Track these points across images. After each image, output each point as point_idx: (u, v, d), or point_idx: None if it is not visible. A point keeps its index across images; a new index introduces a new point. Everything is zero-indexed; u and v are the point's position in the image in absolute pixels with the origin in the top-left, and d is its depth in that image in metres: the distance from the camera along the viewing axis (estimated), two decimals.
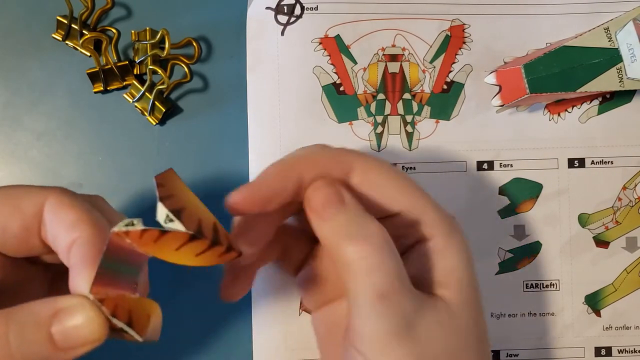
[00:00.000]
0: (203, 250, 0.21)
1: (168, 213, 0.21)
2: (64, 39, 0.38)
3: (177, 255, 0.22)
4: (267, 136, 0.38)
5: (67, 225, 0.24)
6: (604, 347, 0.39)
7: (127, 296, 0.22)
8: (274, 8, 0.38)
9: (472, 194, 0.39)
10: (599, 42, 0.36)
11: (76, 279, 0.23)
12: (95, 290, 0.21)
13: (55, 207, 0.24)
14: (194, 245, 0.21)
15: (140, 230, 0.21)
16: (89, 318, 0.21)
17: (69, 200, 0.25)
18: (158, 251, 0.21)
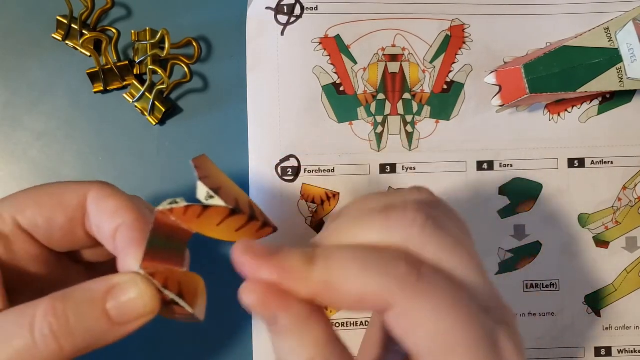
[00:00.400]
0: (242, 226, 0.23)
1: (208, 190, 0.22)
2: (64, 39, 0.38)
3: (219, 231, 0.23)
4: (267, 136, 0.38)
5: (110, 213, 0.25)
6: (604, 347, 0.39)
7: (176, 270, 0.23)
8: (274, 8, 0.38)
9: (472, 194, 0.39)
10: (599, 42, 0.36)
11: (125, 259, 0.24)
12: (145, 265, 0.22)
13: (97, 197, 0.26)
14: (233, 220, 0.22)
15: (184, 206, 0.22)
16: (142, 291, 0.22)
17: (111, 191, 0.26)
18: (201, 227, 0.23)
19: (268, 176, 0.38)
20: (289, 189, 0.38)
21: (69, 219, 0.26)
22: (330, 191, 0.38)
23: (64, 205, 0.26)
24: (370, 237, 0.22)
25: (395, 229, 0.22)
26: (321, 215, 0.38)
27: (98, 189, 0.26)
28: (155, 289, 0.22)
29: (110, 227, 0.25)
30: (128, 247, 0.24)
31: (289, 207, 0.38)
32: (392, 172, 0.38)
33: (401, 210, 0.22)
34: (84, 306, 0.23)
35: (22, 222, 0.26)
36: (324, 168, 0.38)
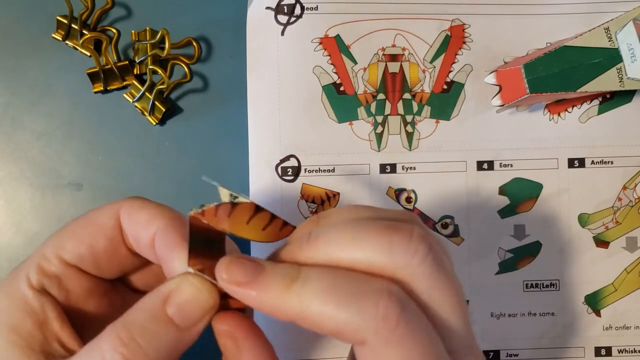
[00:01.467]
0: (267, 224, 0.23)
1: (231, 192, 0.22)
2: (64, 39, 0.38)
3: (249, 229, 0.23)
4: (267, 136, 0.38)
5: (144, 224, 0.25)
6: (604, 347, 0.39)
7: None
8: (274, 8, 0.38)
9: (472, 194, 0.39)
10: (599, 42, 0.36)
11: (170, 264, 0.24)
12: (192, 263, 0.23)
13: (129, 212, 0.26)
14: (259, 217, 0.23)
15: (214, 206, 0.22)
16: (197, 288, 0.22)
17: (140, 203, 0.26)
18: (233, 226, 0.23)
19: (268, 176, 0.38)
20: (289, 189, 0.38)
21: (109, 240, 0.26)
22: (330, 191, 0.38)
23: (100, 229, 0.26)
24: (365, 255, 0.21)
25: (396, 254, 0.21)
26: None
27: (128, 204, 0.26)
28: (209, 282, 0.23)
29: (147, 236, 0.25)
30: (169, 251, 0.24)
31: (289, 207, 0.38)
32: (392, 172, 0.38)
33: (407, 236, 0.21)
34: (147, 324, 0.22)
35: (67, 257, 0.26)
36: (324, 168, 0.38)
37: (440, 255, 0.22)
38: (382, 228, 0.21)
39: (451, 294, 0.22)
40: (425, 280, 0.21)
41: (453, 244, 0.39)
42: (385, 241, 0.21)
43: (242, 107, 0.38)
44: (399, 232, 0.21)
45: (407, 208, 0.38)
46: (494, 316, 0.39)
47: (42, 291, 0.25)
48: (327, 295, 0.20)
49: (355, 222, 0.22)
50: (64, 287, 0.26)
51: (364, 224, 0.22)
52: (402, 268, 0.21)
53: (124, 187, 0.39)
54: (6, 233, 0.39)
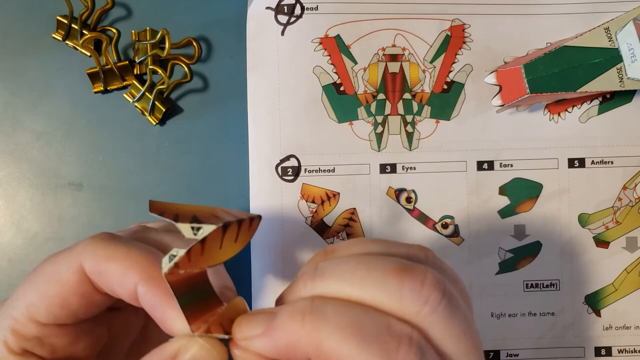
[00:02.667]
0: (236, 234, 0.22)
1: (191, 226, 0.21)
2: (64, 39, 0.38)
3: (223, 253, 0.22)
4: (267, 136, 0.38)
5: (118, 280, 0.23)
6: (604, 347, 0.39)
7: (220, 310, 0.23)
8: (274, 8, 0.38)
9: (472, 194, 0.39)
10: (599, 42, 0.36)
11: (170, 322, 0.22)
12: (195, 327, 0.22)
13: (94, 267, 0.24)
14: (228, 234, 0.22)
15: (185, 254, 0.21)
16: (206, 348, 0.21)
17: (104, 252, 0.24)
18: (208, 260, 0.22)
19: (268, 176, 0.38)
20: (289, 189, 0.38)
21: (80, 295, 0.24)
22: (330, 191, 0.38)
23: (66, 286, 0.24)
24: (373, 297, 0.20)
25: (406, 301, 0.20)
26: (321, 215, 0.38)
27: (91, 254, 0.24)
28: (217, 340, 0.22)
29: (125, 291, 0.23)
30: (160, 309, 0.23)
31: (289, 207, 0.38)
32: (392, 172, 0.38)
33: (418, 282, 0.20)
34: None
35: (41, 320, 0.24)
36: (324, 168, 0.38)
37: (454, 302, 0.21)
38: (393, 270, 0.20)
39: (466, 342, 0.21)
40: (438, 329, 0.20)
41: (453, 244, 0.39)
42: (395, 285, 0.20)
43: (242, 107, 0.38)
44: (411, 277, 0.20)
45: (407, 208, 0.38)
46: (494, 316, 0.39)
47: (24, 354, 0.24)
48: (348, 332, 0.19)
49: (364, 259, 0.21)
50: (47, 344, 0.24)
51: (374, 261, 0.21)
52: (413, 315, 0.20)
53: (124, 187, 0.39)
54: (6, 233, 0.39)
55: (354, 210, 0.38)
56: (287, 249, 0.38)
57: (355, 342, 0.19)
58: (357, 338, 0.19)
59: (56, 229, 0.39)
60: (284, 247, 0.38)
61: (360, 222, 0.38)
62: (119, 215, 0.38)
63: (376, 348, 0.19)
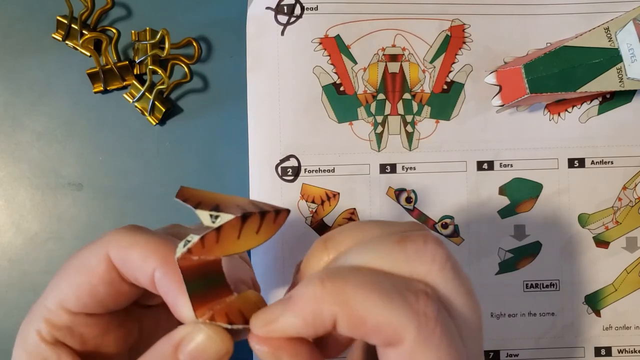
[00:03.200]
0: (259, 225, 0.22)
1: (210, 213, 0.21)
2: (64, 39, 0.38)
3: (242, 243, 0.22)
4: (267, 136, 0.38)
5: (138, 265, 0.24)
6: (604, 347, 0.39)
7: (229, 300, 0.23)
8: (274, 8, 0.38)
9: (472, 194, 0.39)
10: (599, 42, 0.36)
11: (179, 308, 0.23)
12: (200, 314, 0.22)
13: (118, 254, 0.24)
14: (249, 224, 0.22)
15: (198, 240, 0.21)
16: (210, 337, 0.22)
17: (128, 240, 0.24)
18: (224, 248, 0.22)
19: (268, 176, 0.38)
20: (289, 189, 0.38)
21: (107, 284, 0.25)
22: (330, 191, 0.38)
23: (95, 275, 0.25)
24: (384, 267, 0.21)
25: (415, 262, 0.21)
26: (321, 215, 0.38)
27: (115, 244, 0.24)
28: (223, 329, 0.22)
29: (145, 276, 0.24)
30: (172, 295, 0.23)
31: (289, 207, 0.38)
32: (392, 172, 0.38)
33: (421, 242, 0.21)
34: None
35: (72, 308, 0.25)
36: (324, 168, 0.38)
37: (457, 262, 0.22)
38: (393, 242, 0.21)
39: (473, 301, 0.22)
40: (448, 285, 0.21)
41: (453, 244, 0.39)
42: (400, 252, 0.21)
43: (242, 107, 0.38)
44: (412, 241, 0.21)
45: (406, 208, 0.38)
46: (494, 316, 0.39)
47: (56, 343, 0.25)
48: (369, 288, 0.20)
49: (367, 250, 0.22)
50: (77, 334, 0.25)
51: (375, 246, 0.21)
52: (424, 275, 0.21)
53: (124, 187, 0.39)
54: (6, 233, 0.39)
55: (353, 211, 0.38)
56: (287, 249, 0.38)
57: (377, 296, 0.20)
58: (378, 292, 0.20)
59: (56, 229, 0.39)
60: (284, 247, 0.38)
61: None
62: (119, 215, 0.38)
63: (398, 300, 0.20)
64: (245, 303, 0.23)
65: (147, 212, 0.39)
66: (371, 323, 0.20)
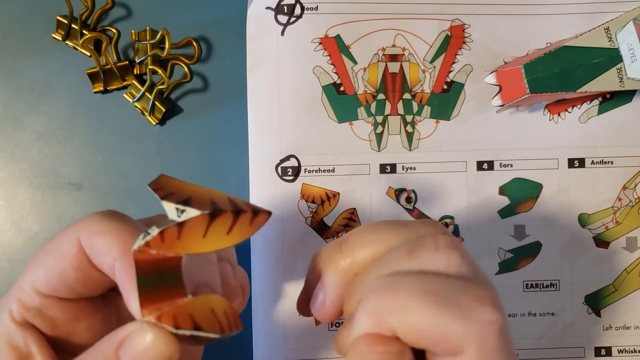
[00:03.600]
0: (231, 225, 0.21)
1: (176, 206, 0.20)
2: (64, 39, 0.38)
3: (208, 242, 0.21)
4: (267, 136, 0.38)
5: (104, 251, 0.23)
6: (604, 347, 0.39)
7: (181, 302, 0.21)
8: (274, 8, 0.38)
9: (472, 194, 0.39)
10: (599, 42, 0.36)
11: (130, 303, 0.22)
12: (147, 312, 0.21)
13: (88, 238, 0.24)
14: (218, 224, 0.20)
15: (158, 234, 0.20)
16: (152, 340, 0.21)
17: (98, 227, 0.24)
18: (187, 246, 0.21)
19: (268, 176, 0.38)
20: (289, 189, 0.38)
21: (76, 268, 0.24)
22: (330, 191, 0.38)
23: (65, 257, 0.24)
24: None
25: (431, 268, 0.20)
26: (321, 215, 0.38)
27: (86, 229, 0.24)
28: (167, 332, 0.20)
29: (108, 266, 0.23)
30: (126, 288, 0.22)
31: (289, 207, 0.38)
32: (392, 172, 0.38)
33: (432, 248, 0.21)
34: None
35: (42, 289, 0.24)
36: (324, 168, 0.38)
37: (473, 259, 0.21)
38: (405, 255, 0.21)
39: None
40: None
41: None
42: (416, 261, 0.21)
43: (242, 107, 0.38)
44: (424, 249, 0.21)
45: (406, 208, 0.38)
46: None
47: (25, 324, 0.24)
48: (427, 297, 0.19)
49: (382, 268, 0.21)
50: (48, 317, 0.25)
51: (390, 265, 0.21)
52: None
53: (124, 187, 0.39)
54: (6, 233, 0.39)
55: (354, 211, 0.38)
56: (287, 249, 0.38)
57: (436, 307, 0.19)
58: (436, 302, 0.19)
59: (56, 229, 0.39)
60: (283, 247, 0.38)
61: (360, 222, 0.38)
62: None
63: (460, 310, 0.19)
64: (200, 308, 0.21)
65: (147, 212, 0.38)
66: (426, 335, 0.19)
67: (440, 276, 0.20)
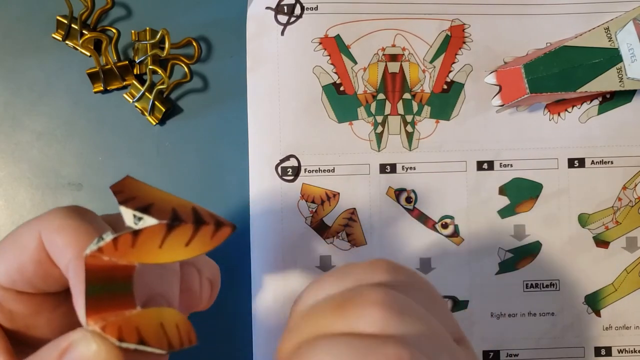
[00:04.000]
0: (190, 237, 0.20)
1: (134, 213, 0.19)
2: (64, 39, 0.38)
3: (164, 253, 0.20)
4: (267, 136, 0.38)
5: (59, 252, 0.23)
6: (604, 347, 0.39)
7: (128, 314, 0.21)
8: (274, 8, 0.38)
9: (472, 194, 0.39)
10: (599, 42, 0.36)
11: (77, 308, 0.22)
12: (92, 320, 0.20)
13: (48, 234, 0.23)
14: (177, 234, 0.19)
15: (111, 240, 0.19)
16: (95, 350, 0.20)
17: (59, 223, 0.23)
18: (141, 255, 0.20)
19: (268, 176, 0.38)
20: (289, 189, 0.38)
21: (35, 262, 0.23)
22: (330, 191, 0.38)
23: (25, 250, 0.23)
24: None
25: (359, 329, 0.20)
26: (321, 215, 0.38)
27: (48, 223, 0.23)
28: (110, 344, 0.20)
29: (63, 266, 0.23)
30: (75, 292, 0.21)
31: (289, 207, 0.38)
32: (392, 172, 0.38)
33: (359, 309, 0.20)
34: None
35: (1, 282, 0.24)
36: (324, 168, 0.38)
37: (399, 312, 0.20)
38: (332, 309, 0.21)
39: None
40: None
41: (453, 244, 0.39)
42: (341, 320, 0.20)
43: (242, 107, 0.38)
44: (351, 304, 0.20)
45: (406, 208, 0.38)
46: (494, 316, 0.39)
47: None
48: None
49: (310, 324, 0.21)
50: (6, 310, 0.24)
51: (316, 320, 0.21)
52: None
53: None
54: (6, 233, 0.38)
55: (353, 210, 0.38)
56: (287, 249, 0.38)
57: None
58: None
59: None
60: (283, 247, 0.38)
61: (360, 222, 0.38)
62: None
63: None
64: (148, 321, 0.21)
65: None
66: None
67: (354, 340, 0.20)
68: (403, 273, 0.22)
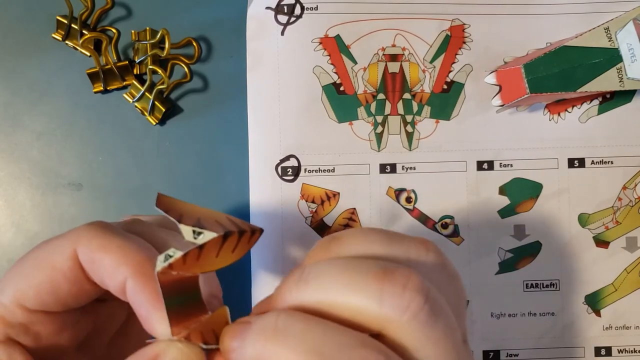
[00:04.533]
0: (235, 244, 0.22)
1: (194, 229, 0.21)
2: (64, 39, 0.38)
3: (219, 261, 0.22)
4: (267, 136, 0.38)
5: (109, 271, 0.23)
6: (604, 347, 0.39)
7: (204, 319, 0.22)
8: (274, 8, 0.38)
9: (472, 194, 0.39)
10: (599, 42, 0.36)
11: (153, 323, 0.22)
12: (176, 332, 0.21)
13: (88, 255, 0.23)
14: (227, 244, 0.21)
15: (181, 257, 0.21)
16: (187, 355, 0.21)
17: (99, 243, 0.23)
18: (203, 266, 0.22)
19: (268, 176, 0.38)
20: (289, 189, 0.38)
21: (71, 283, 0.24)
22: (330, 191, 0.38)
23: (59, 272, 0.24)
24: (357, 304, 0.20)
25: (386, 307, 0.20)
26: (321, 215, 0.38)
27: (85, 244, 0.23)
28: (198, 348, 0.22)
29: (115, 284, 0.23)
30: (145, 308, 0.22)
31: (289, 207, 0.38)
32: (392, 172, 0.38)
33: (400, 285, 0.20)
34: None
35: (30, 306, 0.24)
36: (324, 168, 0.38)
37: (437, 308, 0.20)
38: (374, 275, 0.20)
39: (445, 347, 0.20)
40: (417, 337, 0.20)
41: (453, 244, 0.39)
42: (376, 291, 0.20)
43: (242, 107, 0.38)
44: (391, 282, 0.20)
45: (406, 208, 0.38)
46: (494, 316, 0.39)
47: (8, 341, 0.24)
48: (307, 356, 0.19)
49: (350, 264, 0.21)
50: (32, 332, 0.24)
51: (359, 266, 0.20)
52: (392, 322, 0.20)
53: (124, 187, 0.39)
54: (6, 233, 0.39)
55: (354, 210, 0.38)
56: (287, 249, 0.38)
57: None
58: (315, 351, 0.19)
59: (56, 229, 0.39)
60: (284, 247, 0.38)
61: (360, 222, 0.38)
62: (118, 215, 0.38)
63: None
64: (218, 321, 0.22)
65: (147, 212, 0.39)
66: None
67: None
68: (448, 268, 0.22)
